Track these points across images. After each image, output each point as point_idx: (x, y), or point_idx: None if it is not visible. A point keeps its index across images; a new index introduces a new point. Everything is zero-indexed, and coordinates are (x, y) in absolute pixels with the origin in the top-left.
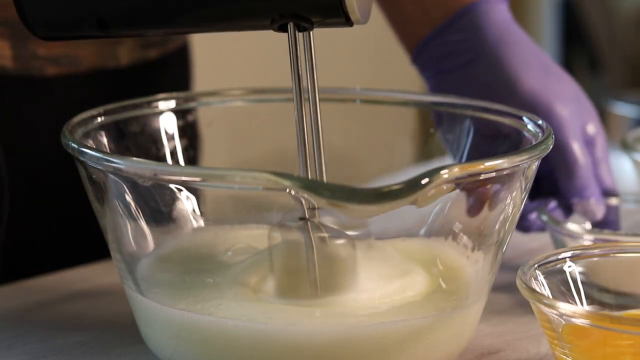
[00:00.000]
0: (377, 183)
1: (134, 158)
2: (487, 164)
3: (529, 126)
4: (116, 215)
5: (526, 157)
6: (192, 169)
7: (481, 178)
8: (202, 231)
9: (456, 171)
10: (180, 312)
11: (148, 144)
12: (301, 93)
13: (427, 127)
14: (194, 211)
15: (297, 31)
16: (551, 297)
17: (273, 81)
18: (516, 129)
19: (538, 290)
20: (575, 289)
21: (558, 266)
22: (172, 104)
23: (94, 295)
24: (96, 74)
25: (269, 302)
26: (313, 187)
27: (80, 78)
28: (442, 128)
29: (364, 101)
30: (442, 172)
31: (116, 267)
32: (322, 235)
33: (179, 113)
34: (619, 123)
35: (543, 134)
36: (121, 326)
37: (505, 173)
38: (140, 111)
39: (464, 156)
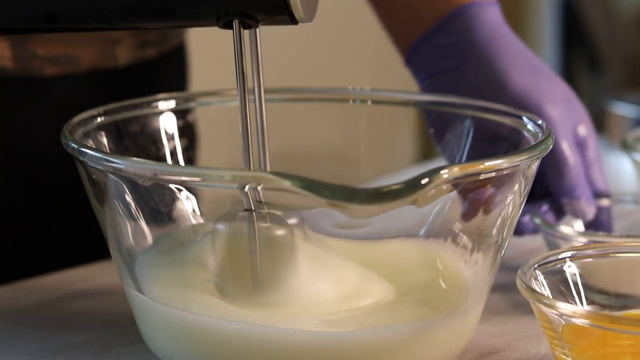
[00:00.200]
0: (377, 183)
1: (134, 158)
2: (487, 164)
3: (529, 126)
4: (116, 215)
5: (526, 157)
6: (192, 169)
7: (481, 178)
8: (202, 230)
9: (456, 171)
10: (180, 312)
11: (148, 144)
12: (245, 90)
13: (427, 127)
14: (194, 211)
15: (243, 28)
16: (551, 297)
17: (271, 81)
18: (516, 129)
19: (538, 290)
20: (575, 289)
21: (558, 266)
22: (172, 104)
23: (94, 295)
24: (95, 74)
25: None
26: (313, 187)
27: (79, 78)
28: (440, 129)
29: (364, 101)
30: (442, 172)
31: (116, 267)
32: (266, 225)
33: (179, 113)
34: (619, 123)
35: (543, 134)
36: (121, 326)
37: (505, 173)
38: (140, 111)
39: (464, 157)
